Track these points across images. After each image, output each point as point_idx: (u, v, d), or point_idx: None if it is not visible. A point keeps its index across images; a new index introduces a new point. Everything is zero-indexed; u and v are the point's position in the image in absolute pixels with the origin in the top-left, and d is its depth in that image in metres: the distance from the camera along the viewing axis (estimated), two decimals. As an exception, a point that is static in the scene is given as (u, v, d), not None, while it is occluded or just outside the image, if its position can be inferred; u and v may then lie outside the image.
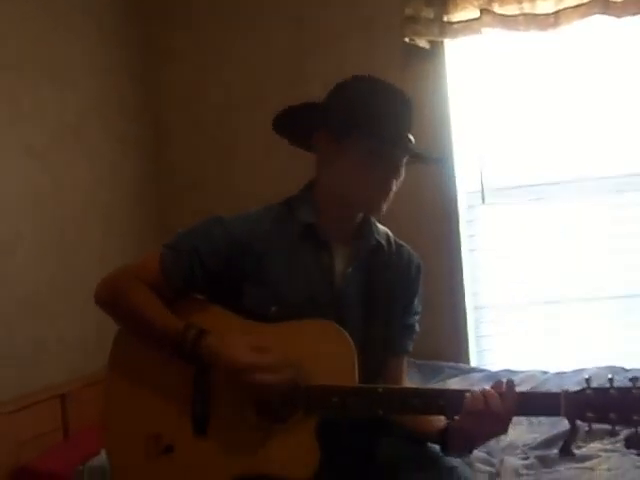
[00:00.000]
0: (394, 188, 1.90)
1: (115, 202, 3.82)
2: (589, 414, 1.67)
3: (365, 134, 1.87)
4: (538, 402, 1.74)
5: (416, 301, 2.10)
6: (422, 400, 1.77)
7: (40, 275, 3.27)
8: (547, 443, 2.68)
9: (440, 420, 1.88)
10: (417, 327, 2.12)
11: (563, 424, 1.79)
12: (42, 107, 3.36)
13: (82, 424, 3.13)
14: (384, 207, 1.92)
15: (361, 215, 2.00)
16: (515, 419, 1.76)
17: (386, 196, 1.90)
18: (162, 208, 4.14)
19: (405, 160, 1.91)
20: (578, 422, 1.69)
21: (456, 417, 1.78)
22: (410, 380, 2.17)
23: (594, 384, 1.69)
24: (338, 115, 1.90)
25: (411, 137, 1.91)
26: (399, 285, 2.04)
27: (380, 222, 2.08)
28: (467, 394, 1.73)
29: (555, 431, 2.68)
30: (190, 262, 1.91)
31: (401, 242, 2.11)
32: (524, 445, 2.71)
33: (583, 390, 1.69)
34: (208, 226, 1.96)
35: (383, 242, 2.03)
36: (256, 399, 1.83)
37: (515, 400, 1.71)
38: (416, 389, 1.84)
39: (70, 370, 3.34)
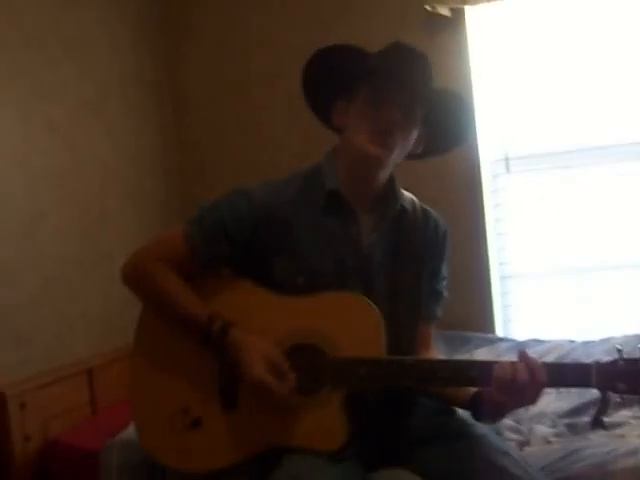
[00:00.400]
0: (396, 134, 1.87)
1: (137, 177, 3.82)
2: (621, 385, 1.65)
3: (367, 82, 1.89)
4: (568, 374, 1.71)
5: (443, 267, 2.09)
6: (452, 372, 1.76)
7: (64, 252, 3.29)
8: (576, 411, 2.66)
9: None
10: (445, 293, 2.11)
11: (592, 392, 1.76)
12: (63, 83, 3.36)
13: (110, 399, 3.16)
14: (386, 154, 1.88)
15: (382, 180, 1.98)
16: (543, 387, 1.73)
17: (385, 139, 1.87)
18: (184, 182, 4.14)
19: (418, 113, 1.90)
20: (609, 393, 1.67)
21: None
22: (437, 349, 2.15)
23: (625, 355, 1.67)
24: (347, 78, 1.91)
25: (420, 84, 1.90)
26: (426, 250, 2.03)
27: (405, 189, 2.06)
28: (495, 365, 1.72)
29: (584, 399, 2.67)
30: (215, 234, 1.90)
31: (427, 207, 2.09)
32: (553, 413, 2.69)
33: (615, 361, 1.67)
34: (231, 198, 1.96)
35: (408, 207, 2.01)
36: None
37: (543, 372, 1.68)
38: (446, 361, 1.83)
39: (95, 346, 3.36)
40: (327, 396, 1.81)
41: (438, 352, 2.15)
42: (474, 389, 1.84)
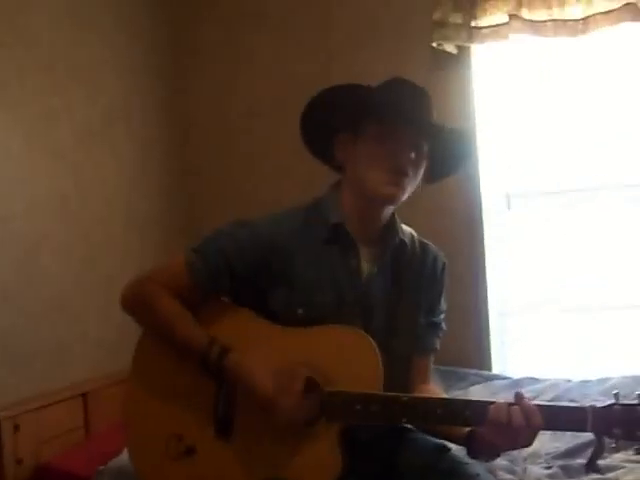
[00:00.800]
0: (409, 173, 1.88)
1: (140, 202, 3.84)
2: (616, 430, 1.64)
3: (374, 120, 1.88)
4: (564, 417, 1.70)
5: (442, 300, 2.10)
6: (447, 410, 1.75)
7: (65, 275, 3.29)
8: (571, 453, 2.65)
9: None
10: (444, 325, 2.11)
11: (587, 434, 1.75)
12: (70, 108, 3.39)
13: (104, 423, 3.15)
14: (400, 193, 1.89)
15: (386, 216, 1.99)
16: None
17: (399, 179, 1.88)
18: (188, 208, 4.14)
19: (426, 147, 1.91)
20: (605, 437, 1.66)
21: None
22: (435, 382, 2.15)
23: (622, 399, 1.66)
24: (351, 112, 1.91)
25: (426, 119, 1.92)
26: (425, 284, 2.04)
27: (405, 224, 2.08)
28: (491, 407, 1.71)
29: (579, 441, 2.65)
30: (217, 264, 1.91)
31: (426, 241, 2.10)
32: (547, 454, 2.68)
33: (611, 406, 1.66)
34: (234, 228, 1.96)
35: (407, 241, 2.02)
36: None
37: (539, 416, 1.67)
38: (442, 399, 1.83)
39: (93, 369, 3.35)
40: (322, 429, 1.81)
41: (436, 385, 2.14)
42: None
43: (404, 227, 2.06)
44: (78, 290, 3.35)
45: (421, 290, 2.03)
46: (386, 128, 1.87)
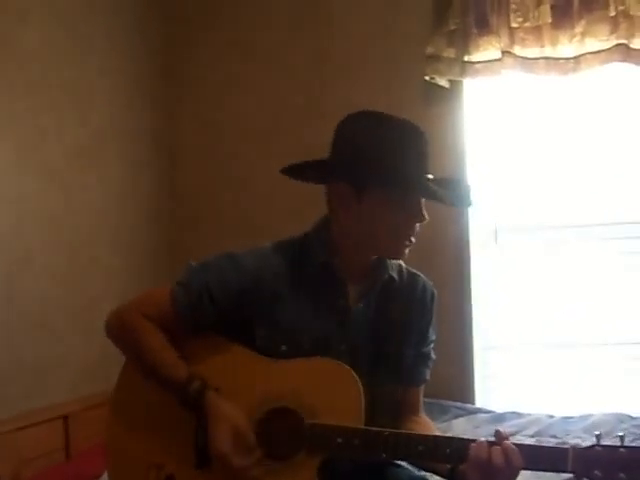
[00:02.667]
0: (417, 232, 1.89)
1: (127, 226, 3.84)
2: (597, 472, 1.62)
3: (383, 183, 1.84)
4: (544, 457, 1.69)
5: (431, 330, 2.09)
6: (428, 447, 1.74)
7: (49, 295, 3.28)
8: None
9: None
10: (433, 355, 2.10)
11: (568, 475, 1.73)
12: (61, 128, 3.39)
13: (84, 446, 3.12)
14: (407, 252, 1.91)
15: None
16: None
17: (410, 241, 1.89)
18: (175, 233, 4.14)
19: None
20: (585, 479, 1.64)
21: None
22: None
23: (604, 439, 1.65)
24: (353, 167, 1.86)
25: (430, 176, 1.88)
26: (414, 314, 2.03)
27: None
28: (472, 445, 1.71)
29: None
30: (201, 299, 1.89)
31: (414, 271, 2.09)
32: (527, 491, 2.67)
33: (592, 447, 1.65)
34: (221, 263, 1.95)
35: (395, 275, 2.01)
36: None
37: (519, 457, 1.67)
38: (423, 436, 1.81)
39: (73, 391, 3.33)
40: (302, 462, 1.80)
41: (426, 417, 2.14)
42: None
43: (393, 261, 2.04)
44: (61, 311, 3.34)
45: (410, 322, 2.02)
46: (396, 196, 1.84)
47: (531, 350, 3.81)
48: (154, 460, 1.90)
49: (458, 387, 3.68)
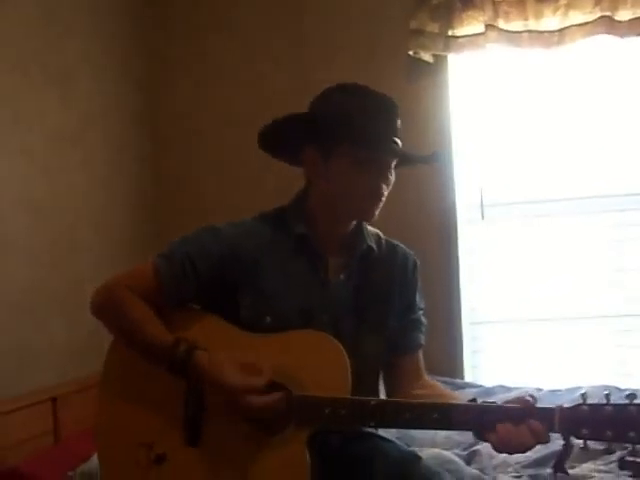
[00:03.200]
0: (385, 193, 1.91)
1: (110, 209, 3.81)
2: (584, 431, 1.63)
3: (350, 143, 1.87)
4: (531, 417, 1.68)
5: (418, 297, 2.09)
6: (415, 414, 1.75)
7: (32, 279, 3.26)
8: (540, 461, 2.65)
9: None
10: (424, 320, 2.10)
11: (557, 443, 1.74)
12: (43, 111, 3.36)
13: (73, 428, 3.11)
14: (376, 213, 1.92)
15: (353, 224, 1.99)
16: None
17: (377, 202, 1.91)
18: (157, 217, 4.12)
19: (394, 163, 1.91)
20: (572, 439, 1.65)
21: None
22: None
23: (590, 401, 1.65)
24: (323, 129, 1.90)
25: (397, 140, 1.91)
26: (396, 284, 2.04)
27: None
28: (499, 426, 1.68)
29: (548, 450, 2.66)
30: (183, 269, 1.90)
31: (394, 241, 2.10)
32: (517, 463, 2.69)
33: (578, 406, 1.65)
34: (201, 234, 1.96)
35: (374, 245, 2.02)
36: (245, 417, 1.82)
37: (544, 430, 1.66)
38: (410, 403, 1.80)
39: (61, 374, 3.32)
40: (291, 435, 1.80)
41: (431, 379, 2.14)
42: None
43: (370, 229, 2.06)
44: (45, 294, 3.32)
45: (392, 291, 2.03)
46: (362, 154, 1.87)
47: (519, 324, 3.83)
48: (144, 439, 1.90)
49: (447, 362, 3.68)
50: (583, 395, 1.67)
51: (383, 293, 2.01)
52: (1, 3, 3.16)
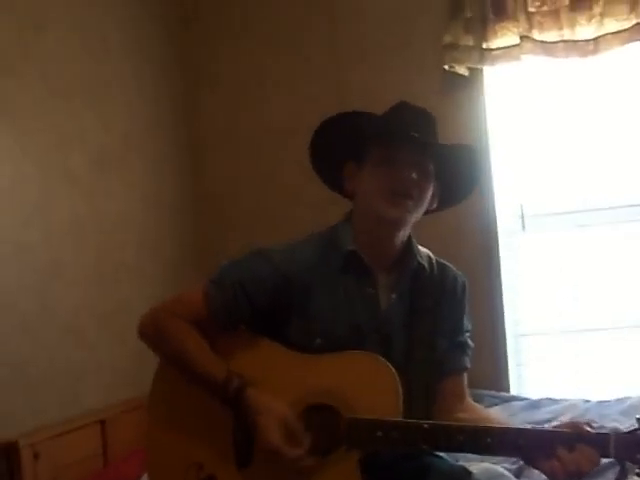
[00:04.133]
0: (413, 194, 1.89)
1: (155, 228, 3.85)
2: (639, 456, 1.63)
3: (375, 145, 1.91)
4: (586, 443, 1.68)
5: (465, 319, 2.09)
6: (467, 437, 1.74)
7: (80, 301, 3.30)
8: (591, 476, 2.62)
9: None
10: (470, 343, 2.10)
11: (613, 470, 1.73)
12: (83, 134, 3.41)
13: (122, 450, 3.14)
14: (404, 215, 1.91)
15: (401, 240, 1.98)
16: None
17: (402, 201, 1.89)
18: (200, 234, 4.15)
19: (431, 168, 1.92)
20: (628, 463, 1.65)
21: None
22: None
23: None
24: (354, 140, 1.94)
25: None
26: (446, 305, 2.03)
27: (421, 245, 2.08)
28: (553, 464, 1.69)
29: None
30: (235, 296, 1.91)
31: (444, 262, 2.10)
32: (567, 476, 2.66)
33: (634, 430, 1.65)
34: (252, 259, 1.96)
35: (425, 264, 2.01)
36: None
37: (595, 455, 1.67)
38: (462, 426, 1.80)
39: (109, 396, 3.35)
40: (343, 456, 1.80)
41: (474, 402, 2.14)
42: None
43: (421, 249, 2.05)
44: (93, 317, 3.35)
45: (441, 313, 2.02)
46: (387, 151, 1.89)
47: (563, 335, 3.79)
48: (194, 460, 1.91)
49: (492, 375, 3.66)
50: (638, 419, 1.66)
51: (433, 313, 2.00)
52: (40, 30, 3.22)
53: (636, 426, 1.66)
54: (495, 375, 3.68)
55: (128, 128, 3.72)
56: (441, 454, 2.04)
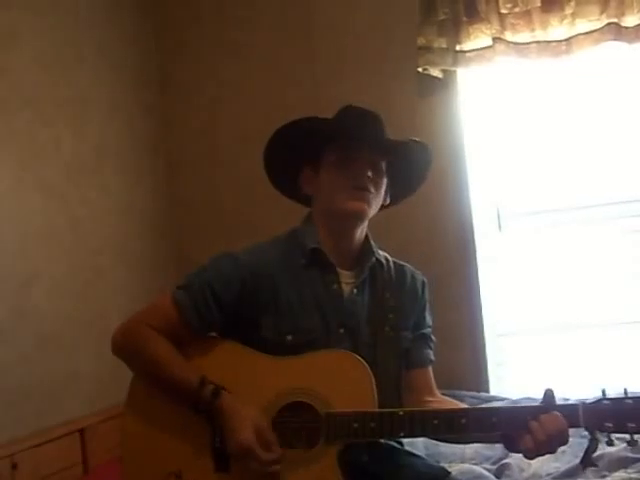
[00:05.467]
0: (370, 189, 1.97)
1: (131, 235, 3.84)
2: (607, 424, 1.72)
3: (331, 149, 1.99)
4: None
5: (427, 314, 2.16)
6: (443, 419, 1.79)
7: (57, 310, 3.29)
8: (570, 473, 2.64)
9: None
10: (432, 337, 2.16)
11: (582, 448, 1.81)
12: (58, 143, 3.40)
13: (101, 458, 3.13)
14: (365, 207, 1.98)
15: (360, 237, 2.05)
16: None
17: (361, 194, 1.97)
18: (177, 242, 4.15)
19: (383, 165, 2.00)
20: (597, 432, 1.73)
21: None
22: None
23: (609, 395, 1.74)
24: (308, 145, 2.02)
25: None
26: (407, 302, 2.10)
27: (392, 249, 2.15)
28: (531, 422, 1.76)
29: (577, 461, 2.64)
30: (204, 298, 1.93)
31: (402, 262, 2.17)
32: (547, 475, 2.68)
33: (600, 400, 1.74)
34: (218, 261, 2.00)
35: (382, 260, 2.09)
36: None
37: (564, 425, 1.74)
38: (437, 410, 1.88)
39: (87, 404, 3.34)
40: (321, 452, 1.82)
41: (444, 396, 2.17)
42: None
43: (380, 252, 2.12)
44: (71, 325, 3.35)
45: (403, 308, 2.08)
46: (342, 154, 1.98)
47: (542, 334, 3.80)
48: (172, 468, 1.91)
49: (471, 376, 3.67)
50: (603, 390, 1.76)
51: (396, 309, 2.06)
52: (13, 40, 3.20)
53: (601, 396, 1.75)
54: (474, 375, 3.69)
55: (102, 137, 3.72)
56: (420, 454, 2.07)
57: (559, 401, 3.28)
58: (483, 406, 1.91)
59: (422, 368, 2.11)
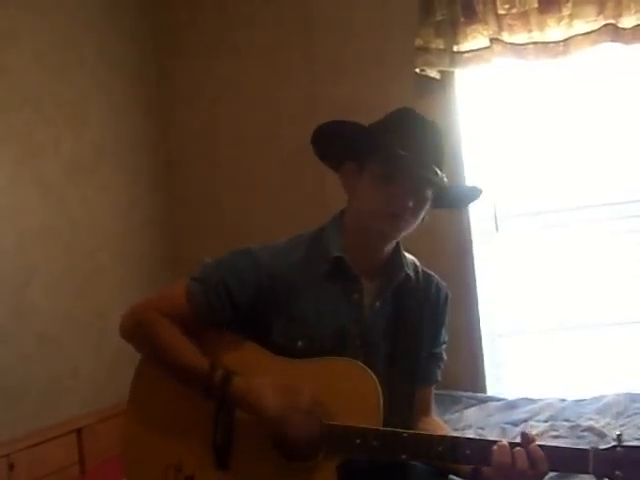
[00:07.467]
0: (410, 217, 1.86)
1: (129, 234, 3.85)
2: (618, 472, 1.62)
3: (379, 159, 1.85)
4: (566, 459, 1.68)
5: (443, 331, 2.08)
6: (447, 448, 1.73)
7: (55, 309, 3.29)
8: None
9: None
10: (444, 355, 2.10)
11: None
12: (57, 142, 3.40)
13: (98, 458, 3.12)
14: (394, 233, 1.89)
15: (389, 249, 1.96)
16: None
17: (394, 222, 1.86)
18: (175, 241, 4.15)
19: (429, 194, 1.88)
20: None
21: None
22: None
23: (618, 419, 1.66)
24: (360, 144, 1.89)
25: (437, 170, 1.86)
26: (427, 316, 2.02)
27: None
28: (495, 448, 1.69)
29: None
30: (218, 296, 1.88)
31: (429, 272, 2.08)
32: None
33: (613, 448, 1.65)
34: (237, 258, 1.93)
35: (411, 274, 1.99)
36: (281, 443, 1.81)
37: (545, 463, 1.66)
38: (442, 437, 1.79)
39: (85, 404, 3.34)
40: (321, 462, 1.79)
41: (438, 418, 2.14)
42: None
43: (408, 257, 2.03)
44: (69, 324, 3.35)
45: (423, 322, 2.00)
46: (389, 171, 1.84)
47: (539, 335, 3.80)
48: (172, 461, 1.89)
49: (469, 376, 3.67)
50: (618, 436, 1.66)
51: (416, 323, 1.99)
52: (13, 40, 3.21)
53: (615, 443, 1.65)
54: (472, 376, 3.69)
55: (102, 136, 3.72)
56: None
57: (555, 402, 3.32)
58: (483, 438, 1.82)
59: (425, 387, 2.06)
